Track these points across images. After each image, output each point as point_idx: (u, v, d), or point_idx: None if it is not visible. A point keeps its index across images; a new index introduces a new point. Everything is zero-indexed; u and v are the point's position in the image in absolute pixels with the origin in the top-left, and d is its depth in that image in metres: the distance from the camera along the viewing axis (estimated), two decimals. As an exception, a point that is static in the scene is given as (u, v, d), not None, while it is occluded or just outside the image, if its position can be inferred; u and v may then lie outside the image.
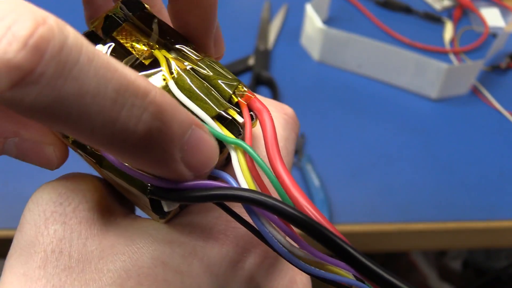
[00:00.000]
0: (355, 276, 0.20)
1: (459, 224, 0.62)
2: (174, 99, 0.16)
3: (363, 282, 0.20)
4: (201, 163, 0.17)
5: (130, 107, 0.14)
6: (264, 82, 0.76)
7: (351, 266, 0.15)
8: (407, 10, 0.92)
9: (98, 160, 0.20)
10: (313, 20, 0.78)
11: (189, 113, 0.17)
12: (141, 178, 0.19)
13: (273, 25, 0.86)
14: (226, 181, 0.19)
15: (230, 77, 0.21)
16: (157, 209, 0.20)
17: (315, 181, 0.63)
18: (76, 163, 0.23)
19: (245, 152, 0.19)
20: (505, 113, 0.76)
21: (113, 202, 0.22)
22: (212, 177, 0.20)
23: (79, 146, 0.20)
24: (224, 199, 0.17)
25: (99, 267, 0.19)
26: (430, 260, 1.06)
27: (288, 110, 0.27)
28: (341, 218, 0.61)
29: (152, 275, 0.19)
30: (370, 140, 0.70)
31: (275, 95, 0.74)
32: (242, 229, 0.21)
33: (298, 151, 0.67)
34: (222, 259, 0.21)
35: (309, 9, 0.79)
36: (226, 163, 0.23)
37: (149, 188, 0.19)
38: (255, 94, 0.21)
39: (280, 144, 0.25)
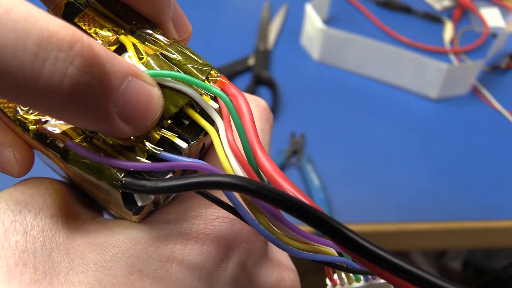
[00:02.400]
0: (339, 253, 0.20)
1: (459, 224, 0.62)
2: (105, 48, 0.15)
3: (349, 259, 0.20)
4: (139, 115, 0.16)
5: (53, 61, 0.13)
6: (264, 82, 0.76)
7: (339, 243, 0.14)
8: (407, 10, 0.92)
9: (63, 155, 0.18)
10: (313, 20, 0.78)
11: (127, 62, 0.16)
12: (112, 164, 0.17)
13: (273, 25, 0.86)
14: (203, 164, 0.17)
15: (201, 62, 0.20)
16: (129, 204, 0.18)
17: (315, 181, 0.63)
18: (43, 172, 0.21)
19: (228, 129, 0.18)
20: (505, 113, 0.76)
21: (78, 205, 0.21)
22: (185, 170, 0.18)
23: (41, 141, 0.18)
24: (201, 187, 0.16)
25: (69, 278, 0.18)
26: (430, 260, 1.06)
27: (261, 101, 0.26)
28: (341, 218, 0.61)
29: (128, 284, 0.18)
30: (370, 140, 0.70)
31: (275, 95, 0.74)
32: (223, 227, 0.20)
33: (298, 151, 0.67)
34: (203, 260, 0.19)
35: (309, 9, 0.79)
36: (202, 152, 0.22)
37: (121, 181, 0.17)
38: (228, 79, 0.20)
39: None
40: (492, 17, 0.92)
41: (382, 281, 0.24)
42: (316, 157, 0.67)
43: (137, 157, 0.18)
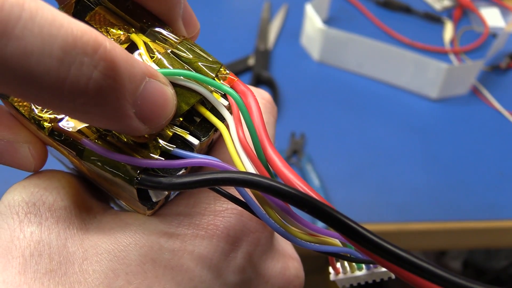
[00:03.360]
0: (343, 244, 0.21)
1: (459, 224, 0.62)
2: (125, 50, 0.15)
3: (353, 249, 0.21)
4: (155, 114, 0.17)
5: (79, 66, 0.13)
6: (264, 82, 0.76)
7: (346, 235, 0.15)
8: (407, 10, 0.92)
9: (78, 152, 0.18)
10: (313, 20, 0.78)
11: (143, 63, 0.16)
12: (128, 162, 0.18)
13: (273, 25, 0.86)
14: (216, 161, 0.18)
15: (211, 59, 0.20)
16: (145, 200, 0.19)
17: (315, 181, 0.63)
18: (55, 166, 0.22)
19: (239, 126, 0.19)
20: (505, 113, 0.76)
21: (90, 197, 0.21)
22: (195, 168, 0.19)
23: (56, 138, 0.19)
24: (215, 184, 0.17)
25: (84, 268, 0.18)
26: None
27: (265, 94, 0.26)
28: (341, 218, 0.61)
29: (141, 273, 0.19)
30: (370, 140, 0.70)
31: (275, 95, 0.74)
32: (232, 218, 0.21)
33: (298, 151, 0.67)
34: (213, 250, 0.20)
35: (309, 9, 0.79)
36: (210, 145, 0.22)
37: (136, 178, 0.18)
38: (237, 77, 0.20)
39: None
40: (492, 17, 0.92)
41: (383, 269, 0.25)
42: (316, 157, 0.67)
43: (151, 154, 0.18)
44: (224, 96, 0.20)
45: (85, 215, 0.20)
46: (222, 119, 0.19)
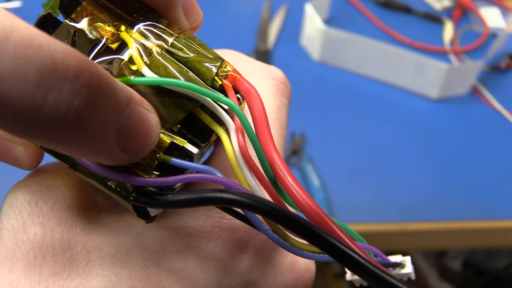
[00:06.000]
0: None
1: (459, 224, 0.62)
2: (109, 74, 0.13)
3: None
4: (137, 144, 0.15)
5: (58, 92, 0.12)
6: (264, 82, 0.76)
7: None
8: (407, 10, 0.92)
9: (71, 165, 0.18)
10: (313, 20, 0.78)
11: (128, 89, 0.15)
12: (122, 180, 0.17)
13: (273, 25, 0.86)
14: (213, 176, 0.17)
15: (211, 56, 0.18)
16: (142, 215, 0.18)
17: (315, 181, 0.63)
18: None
19: (239, 134, 0.17)
20: (505, 113, 0.76)
21: (95, 194, 0.20)
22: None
23: (48, 151, 0.18)
24: (211, 204, 0.16)
25: (87, 270, 0.18)
26: (430, 260, 1.06)
27: (277, 73, 0.25)
28: (341, 218, 0.61)
29: (145, 277, 0.18)
30: (370, 140, 0.70)
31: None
32: (238, 220, 0.20)
33: (298, 151, 0.67)
34: (219, 252, 0.20)
35: (309, 9, 0.79)
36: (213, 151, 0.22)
37: (132, 196, 0.17)
38: (240, 73, 0.19)
39: (272, 116, 0.23)
40: (492, 17, 0.92)
41: (401, 271, 0.24)
42: (316, 157, 0.67)
43: (146, 171, 0.17)
44: (225, 92, 0.18)
45: (89, 213, 0.19)
46: (222, 123, 0.18)
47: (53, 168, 0.20)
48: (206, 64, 0.18)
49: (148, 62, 0.18)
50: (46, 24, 0.18)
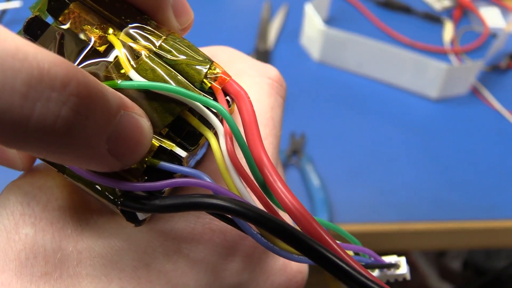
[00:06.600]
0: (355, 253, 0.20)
1: (459, 224, 0.62)
2: (98, 81, 0.13)
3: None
4: (129, 150, 0.15)
5: (45, 102, 0.12)
6: (264, 82, 0.76)
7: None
8: (407, 10, 0.92)
9: (59, 169, 0.18)
10: (313, 20, 0.78)
11: (118, 94, 0.15)
12: (110, 185, 0.17)
13: (273, 25, 0.86)
14: (201, 180, 0.17)
15: (200, 58, 0.18)
16: (131, 219, 0.18)
17: (315, 181, 0.63)
18: None
19: (228, 138, 0.17)
20: (505, 113, 0.76)
21: (87, 195, 0.20)
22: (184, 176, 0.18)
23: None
24: (199, 209, 0.16)
25: (78, 271, 0.18)
26: (430, 260, 1.06)
27: (271, 72, 0.24)
28: (341, 218, 0.61)
29: (135, 278, 0.18)
30: (370, 140, 0.70)
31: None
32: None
33: (298, 151, 0.67)
34: (209, 254, 0.20)
35: (309, 9, 0.79)
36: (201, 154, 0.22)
37: (119, 201, 0.17)
38: (230, 75, 0.18)
39: (266, 115, 0.23)
40: (492, 17, 0.92)
41: (396, 272, 0.24)
42: (316, 157, 0.67)
43: (133, 176, 0.17)
44: (214, 95, 0.18)
45: (81, 214, 0.19)
46: (211, 126, 0.18)
47: (46, 168, 0.20)
48: (195, 66, 0.18)
49: (135, 66, 0.18)
50: (34, 26, 0.18)
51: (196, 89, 0.18)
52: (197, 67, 0.18)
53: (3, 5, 0.77)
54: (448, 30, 0.89)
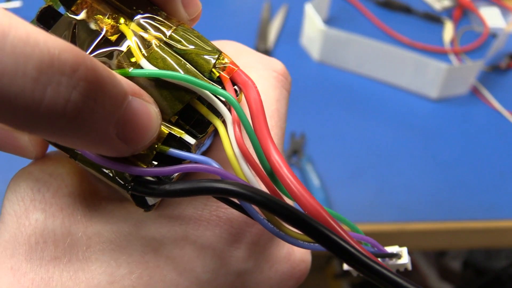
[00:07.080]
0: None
1: (459, 224, 0.62)
2: (106, 67, 0.14)
3: None
4: (138, 135, 0.16)
5: (56, 87, 0.12)
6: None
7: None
8: (407, 10, 0.92)
9: (72, 155, 0.18)
10: (313, 20, 0.78)
11: (126, 80, 0.15)
12: (120, 170, 0.17)
13: (273, 25, 0.86)
14: (209, 166, 0.17)
15: (208, 48, 0.19)
16: (141, 204, 0.19)
17: (315, 181, 0.63)
18: None
19: (236, 125, 0.18)
20: (505, 113, 0.76)
21: (97, 182, 0.21)
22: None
23: (50, 141, 0.18)
24: (208, 193, 0.16)
25: (87, 255, 0.18)
26: (430, 260, 1.06)
27: (277, 65, 0.25)
28: (341, 218, 0.61)
29: (143, 263, 0.19)
30: (370, 140, 0.70)
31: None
32: (235, 210, 0.20)
33: (298, 151, 0.67)
34: (216, 241, 0.20)
35: (309, 9, 0.79)
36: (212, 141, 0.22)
37: (130, 185, 0.18)
38: (238, 65, 0.19)
39: (272, 107, 0.23)
40: (492, 17, 0.92)
41: (398, 262, 0.24)
42: (316, 157, 0.67)
43: (143, 161, 0.18)
44: (222, 84, 0.18)
45: (91, 201, 0.20)
46: (220, 114, 0.19)
47: (56, 156, 0.20)
48: (204, 56, 0.19)
49: (146, 55, 0.18)
50: (47, 16, 0.18)
51: (205, 78, 0.18)
52: (206, 57, 0.19)
53: (3, 5, 0.77)
54: (448, 30, 0.89)
